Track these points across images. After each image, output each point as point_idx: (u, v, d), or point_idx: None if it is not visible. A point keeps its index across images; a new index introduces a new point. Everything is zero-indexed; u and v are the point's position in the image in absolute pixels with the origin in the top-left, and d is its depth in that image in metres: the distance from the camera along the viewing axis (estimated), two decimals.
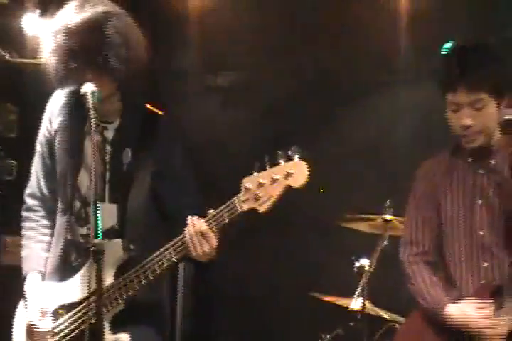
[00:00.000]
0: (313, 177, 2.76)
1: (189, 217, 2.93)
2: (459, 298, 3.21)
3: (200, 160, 5.07)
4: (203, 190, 3.12)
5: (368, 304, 4.30)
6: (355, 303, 4.26)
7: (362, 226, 4.52)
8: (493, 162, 3.29)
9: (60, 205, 3.15)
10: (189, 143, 3.22)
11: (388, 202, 4.34)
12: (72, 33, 2.93)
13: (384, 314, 4.41)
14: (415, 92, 5.12)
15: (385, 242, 4.34)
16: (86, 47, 2.92)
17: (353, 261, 4.35)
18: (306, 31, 5.34)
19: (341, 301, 4.43)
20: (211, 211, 2.91)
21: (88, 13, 2.94)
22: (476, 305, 3.16)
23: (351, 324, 4.34)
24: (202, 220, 2.91)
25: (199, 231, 2.89)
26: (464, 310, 3.15)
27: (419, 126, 5.05)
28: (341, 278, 4.57)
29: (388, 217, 4.34)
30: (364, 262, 4.31)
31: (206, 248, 2.90)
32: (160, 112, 3.21)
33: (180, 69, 5.62)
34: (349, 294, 4.30)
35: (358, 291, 4.22)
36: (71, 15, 2.96)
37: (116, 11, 3.01)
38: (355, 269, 4.33)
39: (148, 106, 3.20)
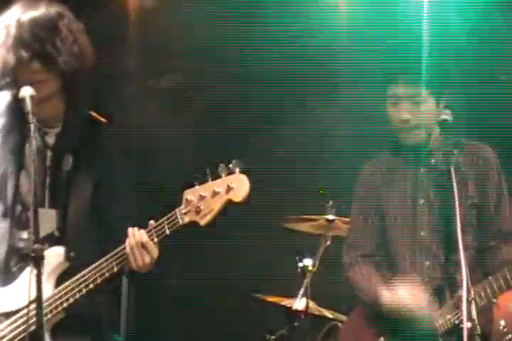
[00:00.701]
0: (257, 179, 2.78)
1: (130, 229, 2.93)
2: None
3: (142, 164, 5.09)
4: (145, 196, 3.13)
5: (311, 304, 4.33)
6: (299, 303, 4.28)
7: (305, 227, 4.55)
8: (433, 161, 3.33)
9: (0, 208, 3.11)
10: (131, 147, 3.21)
11: (330, 202, 4.38)
12: (25, 24, 2.93)
13: (327, 313, 4.45)
14: (356, 93, 5.17)
15: (328, 242, 4.37)
16: (39, 39, 2.92)
17: (296, 262, 4.38)
18: (246, 33, 5.35)
19: (285, 301, 4.45)
20: (152, 222, 2.92)
21: (43, 9, 2.97)
22: (410, 290, 3.20)
23: (296, 324, 4.37)
24: (143, 231, 2.91)
25: (140, 242, 2.89)
26: (399, 293, 3.20)
27: (361, 126, 5.09)
28: (285, 279, 4.59)
29: (331, 217, 4.38)
30: (307, 262, 4.34)
31: (147, 259, 2.90)
32: (103, 120, 3.20)
33: (123, 72, 5.60)
34: (293, 294, 4.33)
35: (301, 291, 4.25)
36: (24, 11, 2.97)
37: (68, 13, 3.05)
38: (299, 269, 4.36)
39: (91, 113, 3.19)
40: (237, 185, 2.78)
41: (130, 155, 3.29)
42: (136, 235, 2.90)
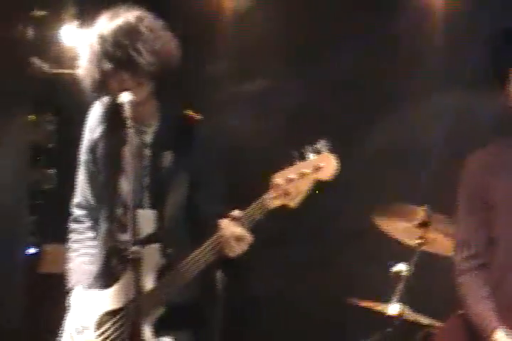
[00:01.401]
0: (347, 182, 2.77)
1: (220, 221, 2.96)
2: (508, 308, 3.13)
3: (230, 166, 5.12)
4: (235, 196, 3.15)
5: (405, 309, 4.27)
6: (393, 309, 4.24)
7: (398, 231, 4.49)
8: None
9: (103, 213, 3.20)
10: (220, 149, 3.24)
11: (426, 206, 4.31)
12: (108, 38, 3.00)
13: (422, 319, 4.38)
14: (446, 96, 5.10)
15: (424, 246, 4.31)
16: (121, 47, 2.98)
17: (389, 266, 4.34)
18: (336, 37, 5.34)
19: (378, 307, 4.41)
20: (236, 212, 2.95)
21: (121, 17, 3.03)
22: None
23: (389, 330, 4.32)
24: (233, 223, 2.94)
25: (233, 234, 2.93)
26: None
27: (451, 128, 5.02)
28: (378, 284, 4.54)
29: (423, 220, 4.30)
30: (401, 267, 4.29)
31: (245, 246, 2.95)
32: (198, 117, 3.24)
33: (212, 76, 5.66)
34: (387, 300, 4.29)
35: (395, 297, 4.21)
36: (105, 23, 3.05)
37: (147, 14, 3.10)
38: (392, 274, 4.31)
39: (186, 111, 3.24)
40: (325, 164, 2.80)
41: (223, 155, 3.31)
42: (228, 228, 2.94)
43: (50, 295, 3.33)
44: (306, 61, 5.41)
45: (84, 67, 3.07)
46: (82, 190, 3.30)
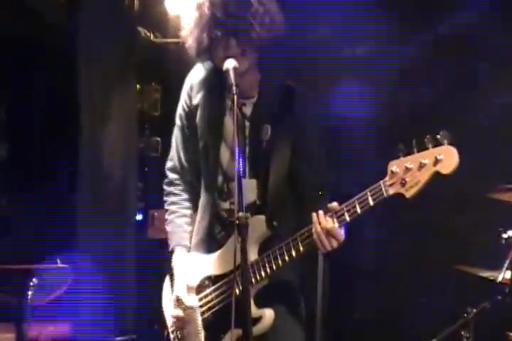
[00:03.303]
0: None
1: (314, 215, 2.92)
2: None
3: (343, 138, 5.07)
4: (339, 168, 3.10)
5: None
6: (504, 276, 4.14)
7: (510, 197, 4.38)
8: None
9: (203, 181, 3.21)
10: (328, 120, 3.19)
11: None
12: (217, 3, 2.98)
13: None
14: None
15: None
16: (232, 15, 2.97)
17: (500, 233, 4.23)
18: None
19: (488, 274, 4.32)
20: (334, 204, 2.89)
21: None
22: None
23: (499, 297, 4.23)
24: (327, 218, 2.89)
25: (325, 229, 2.88)
26: None
27: None
28: (489, 251, 4.44)
29: None
30: None
31: (335, 244, 2.90)
32: (299, 87, 3.19)
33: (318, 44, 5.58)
34: (497, 267, 4.19)
35: (506, 263, 4.11)
36: None
37: None
38: (503, 241, 4.21)
39: (287, 81, 3.19)
40: (445, 157, 2.69)
41: (326, 127, 3.26)
42: (321, 221, 2.90)
43: (160, 260, 3.37)
44: (416, 27, 5.28)
45: (191, 31, 3.05)
46: (177, 154, 3.30)
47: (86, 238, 4.93)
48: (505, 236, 4.20)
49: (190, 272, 3.16)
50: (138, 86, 5.49)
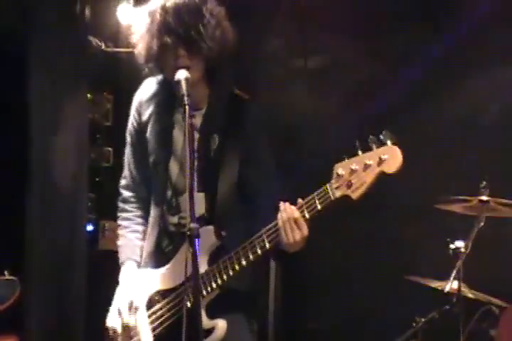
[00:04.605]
0: (406, 159, 2.73)
1: (281, 203, 2.92)
2: None
3: (287, 144, 5.11)
4: (290, 174, 3.12)
5: (463, 287, 4.24)
6: (451, 286, 4.21)
7: (457, 208, 4.44)
8: None
9: (153, 195, 3.20)
10: (276, 127, 3.21)
11: (484, 182, 4.26)
12: (170, 10, 2.98)
13: (480, 296, 4.34)
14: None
15: (482, 224, 4.26)
16: (183, 24, 2.96)
17: (448, 243, 4.30)
18: (399, 12, 5.26)
19: (436, 284, 4.38)
20: (300, 200, 2.90)
21: None
22: None
23: (447, 307, 4.29)
24: (294, 207, 2.90)
25: (292, 217, 2.88)
26: None
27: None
28: (437, 261, 4.51)
29: (484, 198, 4.26)
30: (459, 244, 4.25)
31: (298, 236, 2.89)
32: (247, 97, 3.20)
33: (269, 53, 5.63)
34: (444, 277, 4.25)
35: (453, 274, 4.17)
36: None
37: (211, 2, 3.06)
38: (451, 251, 4.27)
39: (235, 91, 3.20)
40: (389, 156, 2.72)
41: (277, 135, 3.28)
42: (287, 210, 2.90)
43: (110, 272, 3.35)
44: (368, 38, 5.35)
45: (141, 37, 3.04)
46: (129, 171, 3.29)
47: (35, 249, 4.87)
48: (452, 246, 4.27)
49: (139, 288, 3.14)
50: (89, 95, 5.46)
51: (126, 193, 3.32)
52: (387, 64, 5.26)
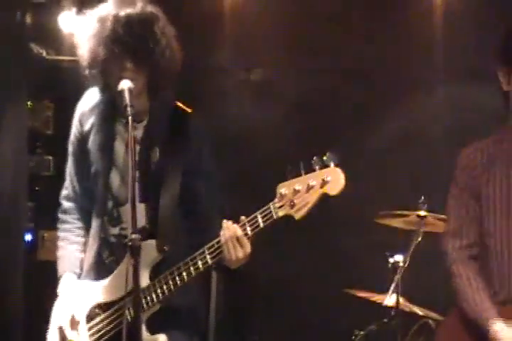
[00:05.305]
0: (348, 173, 2.76)
1: (224, 221, 2.92)
2: (504, 301, 3.10)
3: (231, 156, 5.12)
4: (236, 186, 3.13)
5: (401, 300, 4.29)
6: (389, 299, 4.25)
7: (396, 223, 4.51)
8: None
9: (94, 206, 3.16)
10: (221, 139, 3.21)
11: (422, 198, 4.33)
12: (122, 20, 2.93)
13: (418, 310, 4.40)
14: (450, 90, 5.11)
15: (420, 238, 4.33)
16: (134, 36, 2.92)
17: (387, 257, 4.35)
18: (342, 27, 5.33)
19: (375, 297, 4.43)
20: (243, 218, 2.90)
21: (139, 8, 2.97)
22: None
23: (385, 320, 4.34)
24: (236, 225, 2.90)
25: (234, 236, 2.88)
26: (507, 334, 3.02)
27: (453, 123, 5.04)
28: (375, 275, 4.56)
29: (423, 213, 4.33)
30: (398, 258, 4.31)
31: (240, 254, 2.89)
32: (189, 110, 3.18)
33: (213, 66, 5.65)
34: (383, 290, 4.30)
35: (392, 287, 4.22)
36: (121, 6, 2.97)
37: (162, 16, 3.03)
38: (390, 265, 4.33)
39: (177, 103, 3.18)
40: (332, 178, 2.74)
41: (221, 147, 3.28)
42: (230, 228, 2.90)
43: (49, 283, 3.29)
44: (311, 50, 5.40)
45: (88, 42, 2.98)
46: (70, 182, 3.26)
47: None
48: (391, 260, 4.33)
49: (79, 300, 3.10)
50: (30, 103, 5.39)
51: (66, 204, 3.29)
52: (332, 77, 5.31)
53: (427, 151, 5.10)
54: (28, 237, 5.28)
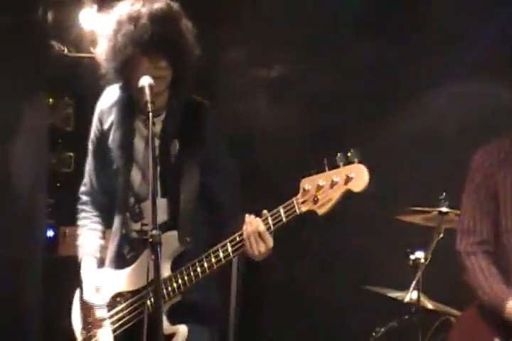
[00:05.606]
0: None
1: (247, 216, 2.93)
2: None
3: (249, 154, 5.12)
4: (252, 183, 3.12)
5: (422, 297, 4.27)
6: (410, 296, 4.24)
7: (417, 219, 4.49)
8: None
9: (116, 202, 3.18)
10: (238, 137, 3.20)
11: (444, 194, 4.30)
12: (148, 18, 2.92)
13: (439, 307, 4.38)
14: (470, 84, 5.07)
15: (441, 235, 4.31)
16: (162, 33, 2.92)
17: (408, 254, 4.33)
18: (359, 25, 5.31)
19: (396, 294, 4.41)
20: (265, 212, 2.90)
21: (164, 5, 2.97)
22: None
23: (406, 317, 4.32)
24: (259, 219, 2.90)
25: (256, 231, 2.88)
26: None
27: (473, 117, 5.00)
28: (396, 272, 4.54)
29: (444, 209, 4.30)
30: (419, 255, 4.29)
31: (262, 248, 2.90)
32: (206, 102, 3.19)
33: (231, 63, 5.64)
34: (404, 287, 4.28)
35: (413, 284, 4.20)
36: (144, 4, 2.96)
37: (178, 11, 3.03)
38: (411, 262, 4.31)
39: (195, 97, 3.19)
40: (356, 175, 2.73)
41: (236, 144, 3.28)
42: (252, 222, 2.89)
43: (69, 278, 3.31)
44: (324, 49, 5.38)
45: (110, 43, 2.98)
46: (89, 179, 3.29)
47: None
48: (412, 257, 4.31)
49: (100, 282, 3.12)
50: (51, 100, 5.42)
51: (85, 198, 3.32)
52: (348, 75, 5.29)
53: (448, 147, 5.07)
54: (50, 233, 5.32)
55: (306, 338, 5.27)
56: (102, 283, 3.13)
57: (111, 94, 3.22)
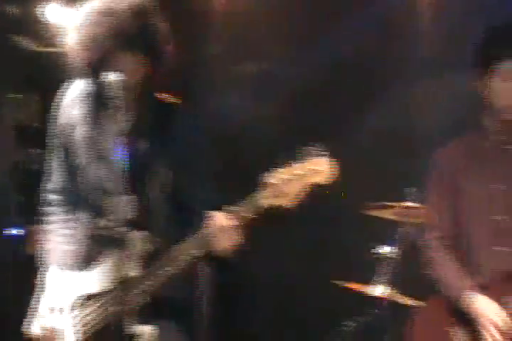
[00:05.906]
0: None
1: (211, 211, 2.93)
2: (481, 286, 3.23)
3: (222, 150, 5.11)
4: (224, 181, 3.12)
5: (391, 291, 4.30)
6: (379, 290, 4.27)
7: (385, 214, 4.53)
8: None
9: (81, 199, 3.16)
10: (212, 133, 3.20)
11: (410, 189, 4.34)
12: (117, 13, 2.90)
13: (407, 301, 4.41)
14: (440, 83, 5.12)
15: (408, 230, 4.35)
16: (131, 28, 2.90)
17: (373, 248, 4.38)
18: (333, 19, 5.32)
19: (365, 288, 4.44)
20: (230, 208, 2.90)
21: (142, 0, 2.95)
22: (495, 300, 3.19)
23: (376, 311, 4.35)
24: (223, 214, 2.90)
25: (221, 225, 2.88)
26: (483, 303, 3.20)
27: (442, 114, 5.05)
28: (364, 266, 4.57)
29: (410, 204, 4.34)
30: (386, 249, 4.33)
31: (227, 243, 2.90)
32: (177, 101, 3.17)
33: (206, 58, 5.63)
34: (372, 281, 4.31)
35: (381, 278, 4.24)
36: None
37: (155, 6, 3.01)
38: (377, 256, 4.35)
39: (165, 94, 3.16)
40: (321, 168, 2.76)
41: (212, 141, 3.28)
42: (218, 218, 2.90)
43: (35, 277, 3.28)
44: (302, 44, 5.39)
45: (79, 37, 2.92)
46: (55, 175, 3.25)
47: None
48: (380, 251, 4.35)
49: (63, 292, 3.09)
50: (18, 96, 5.38)
51: (52, 196, 3.28)
52: (324, 69, 5.31)
53: (416, 143, 5.11)
54: (17, 232, 5.27)
55: (279, 330, 5.30)
56: (66, 286, 3.10)
57: (77, 88, 3.16)
